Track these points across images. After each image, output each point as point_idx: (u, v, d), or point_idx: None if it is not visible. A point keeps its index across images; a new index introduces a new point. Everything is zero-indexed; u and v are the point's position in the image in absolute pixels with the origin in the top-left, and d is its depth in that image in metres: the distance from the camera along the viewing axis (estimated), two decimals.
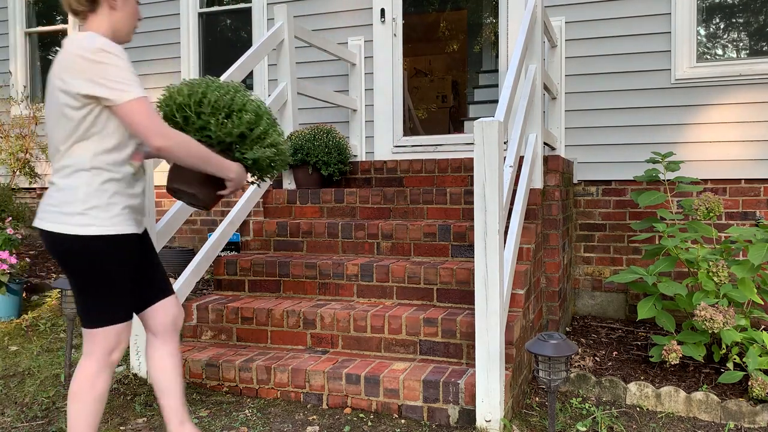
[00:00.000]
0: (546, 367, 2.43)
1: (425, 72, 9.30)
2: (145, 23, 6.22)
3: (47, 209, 2.06)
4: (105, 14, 2.12)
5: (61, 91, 1.99)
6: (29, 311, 4.63)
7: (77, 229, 2.02)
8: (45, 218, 2.05)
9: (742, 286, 3.50)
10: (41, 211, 2.08)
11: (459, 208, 4.04)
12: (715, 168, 4.48)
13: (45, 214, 2.06)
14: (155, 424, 2.84)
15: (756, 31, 4.53)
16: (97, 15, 2.11)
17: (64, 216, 2.02)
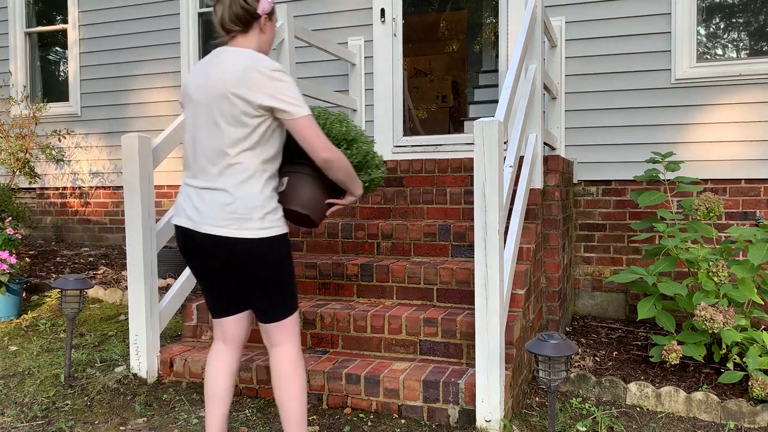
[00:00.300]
0: (546, 367, 2.43)
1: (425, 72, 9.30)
2: (145, 23, 6.22)
3: (224, 216, 2.16)
4: (254, 36, 2.29)
5: (238, 98, 2.14)
6: (29, 311, 4.63)
7: (262, 233, 2.18)
8: (225, 225, 2.16)
9: (742, 286, 3.50)
10: (213, 218, 2.17)
11: (459, 208, 4.04)
12: (715, 168, 4.48)
13: (223, 221, 2.16)
14: (155, 424, 2.84)
15: (756, 31, 4.53)
16: (246, 36, 2.27)
17: (248, 222, 2.16)
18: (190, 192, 2.25)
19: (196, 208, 2.21)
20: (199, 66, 2.28)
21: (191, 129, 2.26)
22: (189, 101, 2.27)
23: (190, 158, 2.27)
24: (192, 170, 2.25)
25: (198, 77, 2.24)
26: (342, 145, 2.55)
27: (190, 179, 2.26)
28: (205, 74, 2.22)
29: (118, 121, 6.39)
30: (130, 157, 3.25)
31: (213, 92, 2.18)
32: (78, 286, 3.25)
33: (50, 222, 6.76)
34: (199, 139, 2.22)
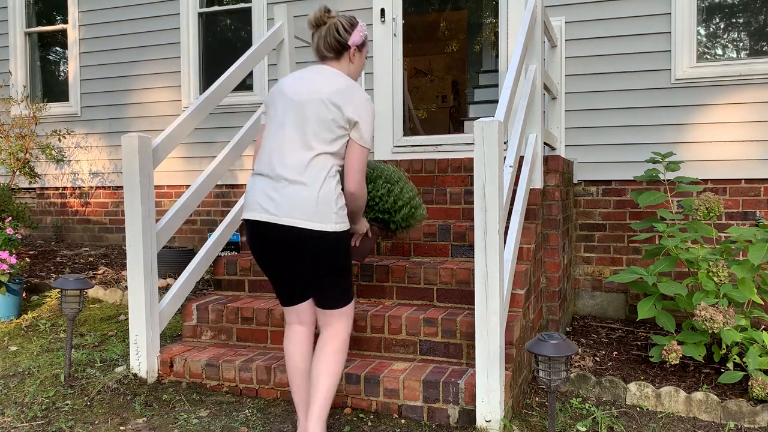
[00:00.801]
0: (546, 367, 2.43)
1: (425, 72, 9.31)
2: (145, 23, 6.22)
3: (307, 209, 2.37)
4: (345, 63, 2.59)
5: (334, 105, 2.41)
6: (29, 311, 4.63)
7: (337, 227, 2.42)
8: (307, 218, 2.37)
9: (742, 286, 3.50)
10: (295, 211, 2.37)
11: (459, 208, 4.04)
12: (715, 168, 4.48)
13: (305, 214, 2.37)
14: (155, 424, 2.84)
15: (756, 31, 4.53)
16: (339, 62, 2.58)
17: (328, 216, 2.39)
18: (266, 186, 2.43)
19: (273, 201, 2.39)
20: (296, 75, 2.53)
21: (278, 124, 2.47)
22: (281, 101, 2.49)
23: (272, 152, 2.45)
24: (270, 164, 2.43)
25: (296, 83, 2.49)
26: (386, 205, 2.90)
27: (266, 172, 2.44)
28: (306, 80, 2.48)
29: (118, 121, 6.39)
30: (130, 157, 3.25)
31: (312, 96, 2.43)
32: (78, 286, 3.25)
33: (50, 222, 6.76)
34: (287, 134, 2.44)
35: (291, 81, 2.51)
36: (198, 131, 5.97)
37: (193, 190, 3.64)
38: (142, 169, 3.27)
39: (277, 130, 2.47)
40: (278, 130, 2.46)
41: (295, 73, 2.56)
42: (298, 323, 2.61)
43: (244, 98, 5.81)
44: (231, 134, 5.83)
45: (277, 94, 2.53)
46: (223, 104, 5.83)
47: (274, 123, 2.48)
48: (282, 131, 2.45)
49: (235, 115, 5.87)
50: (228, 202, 5.98)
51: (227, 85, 3.84)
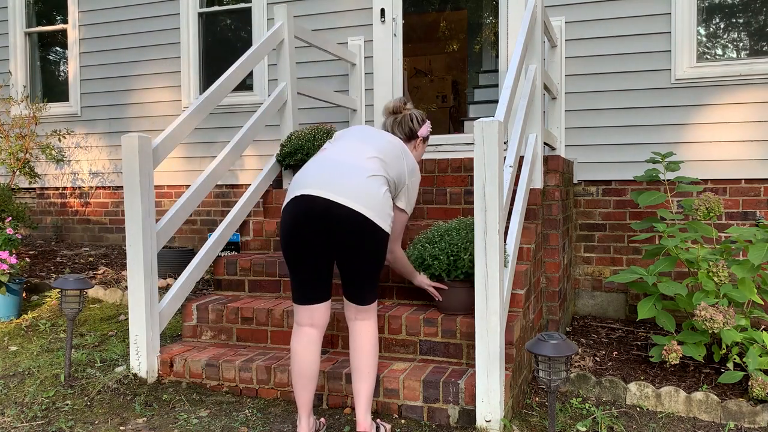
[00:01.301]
0: (546, 367, 2.43)
1: (425, 72, 9.31)
2: (145, 23, 6.22)
3: (373, 204, 2.48)
4: (410, 147, 2.97)
5: (397, 158, 2.69)
6: (29, 311, 4.63)
7: (388, 228, 2.55)
8: (373, 213, 2.47)
9: (742, 286, 3.50)
10: (369, 198, 2.46)
11: (459, 208, 4.04)
12: (715, 168, 4.48)
13: (372, 210, 2.47)
14: (155, 424, 2.84)
15: (756, 31, 4.53)
16: (407, 143, 2.95)
17: (386, 216, 2.52)
18: (330, 170, 2.51)
19: (340, 184, 2.46)
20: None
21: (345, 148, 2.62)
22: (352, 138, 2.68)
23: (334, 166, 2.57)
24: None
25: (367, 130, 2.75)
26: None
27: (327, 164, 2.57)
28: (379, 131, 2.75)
29: (118, 121, 6.39)
30: (130, 156, 3.25)
31: (384, 140, 2.68)
32: (78, 286, 3.25)
33: (50, 222, 6.76)
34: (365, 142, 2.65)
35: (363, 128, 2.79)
36: (198, 131, 5.97)
37: (193, 190, 3.64)
38: (142, 169, 3.27)
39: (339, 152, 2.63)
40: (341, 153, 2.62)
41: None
42: (310, 325, 2.59)
43: (244, 98, 5.81)
44: (231, 134, 5.83)
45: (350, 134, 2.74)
46: (223, 104, 5.83)
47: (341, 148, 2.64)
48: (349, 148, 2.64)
49: (235, 115, 5.87)
50: (228, 202, 5.99)
51: (227, 85, 3.84)
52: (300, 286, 2.56)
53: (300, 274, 2.54)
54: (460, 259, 3.09)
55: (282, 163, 4.40)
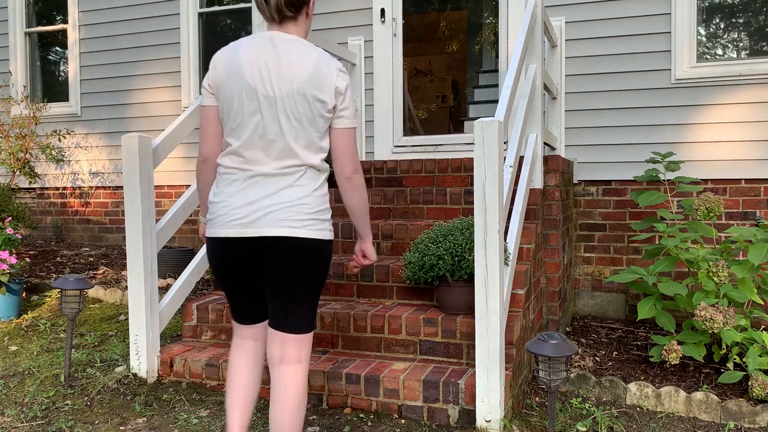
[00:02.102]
0: (546, 367, 2.43)
1: (425, 72, 9.30)
2: (145, 23, 6.22)
3: (296, 215, 2.04)
4: (302, 22, 2.18)
5: (318, 101, 2.05)
6: (29, 311, 4.63)
7: (329, 235, 2.13)
8: (300, 225, 2.04)
9: (742, 286, 3.50)
10: (284, 218, 2.03)
11: (459, 208, 4.03)
12: (715, 168, 4.48)
13: (295, 222, 2.04)
14: (155, 424, 2.84)
15: (756, 31, 4.53)
16: (297, 23, 2.16)
17: (321, 222, 2.09)
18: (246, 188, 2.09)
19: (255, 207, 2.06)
20: (252, 50, 2.08)
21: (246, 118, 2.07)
22: (242, 88, 2.06)
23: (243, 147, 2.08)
24: (247, 160, 2.08)
25: (256, 65, 2.06)
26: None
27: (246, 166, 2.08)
28: (270, 63, 2.06)
29: (118, 121, 6.39)
30: (130, 156, 3.25)
31: (285, 89, 2.04)
32: (78, 286, 3.25)
33: (50, 222, 6.76)
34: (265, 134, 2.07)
35: (249, 60, 2.07)
36: (198, 131, 5.97)
37: (194, 190, 3.64)
38: (142, 169, 3.27)
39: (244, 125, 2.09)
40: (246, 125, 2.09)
41: (252, 47, 2.09)
42: (252, 339, 2.29)
43: None
44: None
45: (234, 78, 2.08)
46: None
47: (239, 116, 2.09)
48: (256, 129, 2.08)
49: None
50: None
51: None
52: (241, 303, 2.25)
53: (240, 292, 2.22)
54: (464, 260, 3.09)
55: None
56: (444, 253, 3.14)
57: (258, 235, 2.05)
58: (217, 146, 2.21)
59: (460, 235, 3.18)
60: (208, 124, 2.20)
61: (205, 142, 2.22)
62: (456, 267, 3.12)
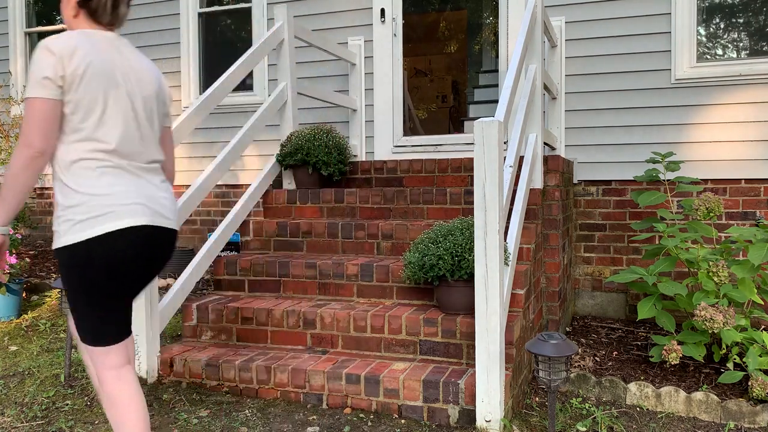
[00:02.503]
0: (546, 367, 2.43)
1: (425, 72, 9.31)
2: (145, 23, 6.22)
3: (173, 208, 2.20)
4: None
5: (165, 114, 2.31)
6: (29, 311, 4.63)
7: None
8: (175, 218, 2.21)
9: (742, 286, 3.50)
10: (170, 211, 2.17)
11: (459, 208, 4.04)
12: (715, 168, 4.48)
13: (173, 213, 2.19)
14: (155, 424, 2.84)
15: (756, 31, 4.53)
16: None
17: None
18: (145, 182, 2.11)
19: (161, 203, 2.13)
20: (108, 49, 2.11)
21: (130, 114, 2.10)
22: (110, 83, 2.06)
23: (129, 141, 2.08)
24: (131, 156, 2.08)
25: (117, 64, 2.10)
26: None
27: (134, 163, 2.09)
28: (130, 63, 2.15)
29: None
30: None
31: (148, 101, 2.18)
32: None
33: (50, 222, 6.76)
34: (136, 138, 2.11)
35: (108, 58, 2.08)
36: (198, 131, 5.97)
37: (193, 190, 3.64)
38: None
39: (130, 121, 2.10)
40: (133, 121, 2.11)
41: (104, 46, 2.10)
42: (129, 362, 2.16)
43: (244, 98, 5.81)
44: (231, 134, 5.82)
45: (102, 74, 2.04)
46: (223, 104, 5.83)
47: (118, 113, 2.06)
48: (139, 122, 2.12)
49: (236, 115, 5.86)
50: (228, 202, 5.98)
51: (227, 85, 3.84)
52: (125, 316, 2.14)
53: (127, 302, 2.14)
54: (465, 260, 3.09)
55: (282, 163, 4.40)
56: (444, 253, 3.14)
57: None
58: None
59: (460, 235, 3.18)
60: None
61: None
62: (456, 267, 3.12)
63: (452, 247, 3.14)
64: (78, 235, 1.96)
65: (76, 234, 1.96)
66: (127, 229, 2.00)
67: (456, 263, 3.12)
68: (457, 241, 3.15)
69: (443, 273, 3.14)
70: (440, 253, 3.15)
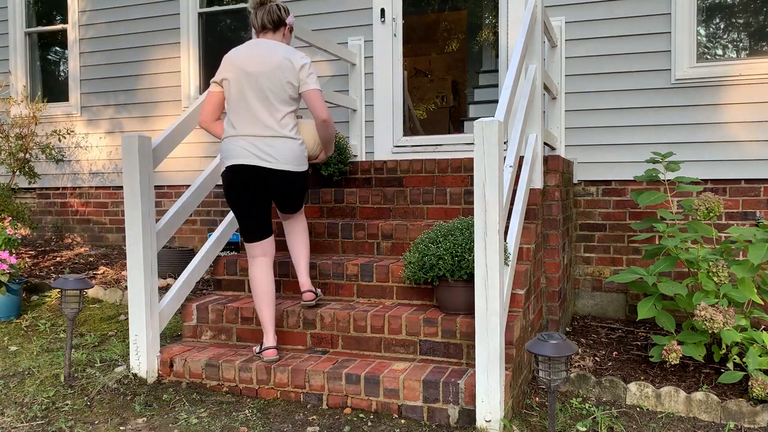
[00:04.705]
0: (546, 367, 2.43)
1: (425, 72, 9.30)
2: (145, 23, 6.22)
3: (290, 156, 3.16)
4: (279, 37, 3.28)
5: (288, 82, 3.13)
6: (29, 311, 4.63)
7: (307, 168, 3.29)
8: (293, 163, 3.17)
9: (742, 286, 3.50)
10: (283, 158, 3.13)
11: (459, 208, 4.04)
12: (715, 168, 4.48)
13: (291, 160, 3.16)
14: (155, 424, 2.84)
15: (756, 31, 4.53)
16: (274, 34, 3.26)
17: (304, 160, 3.25)
18: (255, 140, 3.10)
19: (267, 152, 3.10)
20: (248, 48, 3.14)
21: (244, 94, 3.10)
22: (239, 73, 3.10)
23: (246, 116, 3.10)
24: (249, 125, 3.10)
25: (248, 57, 3.11)
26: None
27: (249, 130, 3.10)
28: (254, 57, 3.11)
29: (117, 121, 6.39)
30: (130, 157, 3.25)
31: (265, 70, 3.10)
32: (78, 286, 3.25)
33: (50, 222, 6.76)
34: (255, 101, 3.10)
35: (243, 54, 3.13)
36: (198, 131, 5.97)
37: (193, 190, 3.64)
38: (142, 169, 3.27)
39: (244, 99, 3.10)
40: (245, 99, 3.10)
41: (241, 47, 3.15)
42: (262, 255, 3.24)
43: None
44: None
45: (234, 69, 3.11)
46: None
47: (239, 94, 3.10)
48: (249, 100, 3.10)
49: None
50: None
51: None
52: (252, 228, 3.24)
53: (253, 219, 3.23)
54: (465, 260, 3.09)
55: None
56: (444, 253, 3.14)
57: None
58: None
59: (460, 235, 3.18)
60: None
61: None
62: (456, 267, 3.12)
63: (452, 247, 3.14)
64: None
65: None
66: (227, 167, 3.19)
67: (456, 263, 3.12)
68: (457, 241, 3.15)
69: (443, 273, 3.14)
70: (440, 253, 3.15)
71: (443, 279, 3.18)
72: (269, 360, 3.15)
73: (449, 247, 3.14)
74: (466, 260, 3.09)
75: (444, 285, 3.19)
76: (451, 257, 3.13)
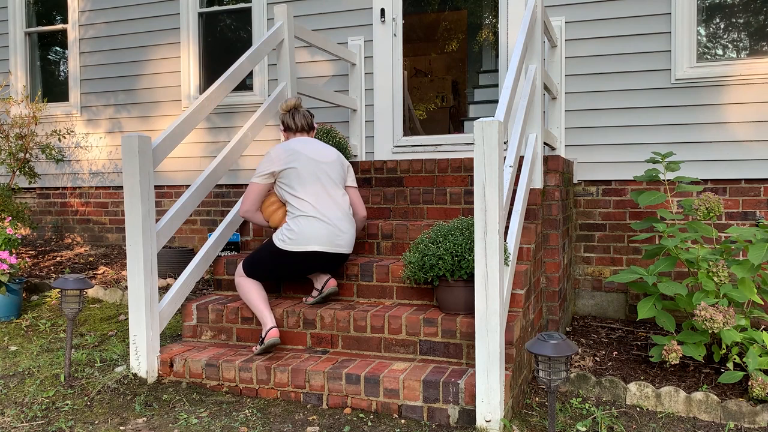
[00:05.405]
0: (546, 367, 2.43)
1: (425, 72, 9.30)
2: (145, 23, 6.22)
3: (351, 242, 3.48)
4: (312, 134, 3.72)
5: (340, 175, 3.54)
6: (29, 311, 4.63)
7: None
8: (350, 247, 3.48)
9: (742, 286, 3.50)
10: (347, 244, 3.45)
11: (459, 208, 4.04)
12: (715, 168, 4.48)
13: (350, 245, 3.48)
14: (155, 424, 2.84)
15: (756, 31, 4.53)
16: (309, 134, 3.70)
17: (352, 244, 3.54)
18: (334, 221, 3.38)
19: (340, 237, 3.39)
20: (302, 143, 3.49)
21: (319, 178, 3.42)
22: (308, 161, 3.42)
23: (324, 196, 3.40)
24: (327, 205, 3.38)
25: (310, 150, 3.48)
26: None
27: (328, 211, 3.38)
28: (316, 150, 3.50)
29: (118, 121, 6.39)
30: (130, 156, 3.25)
31: (325, 163, 3.48)
32: (78, 286, 3.25)
33: (50, 222, 6.76)
34: (330, 184, 3.45)
35: (305, 148, 3.48)
36: (198, 131, 5.97)
37: (193, 190, 3.64)
38: (142, 169, 3.27)
39: (316, 186, 3.40)
40: (317, 186, 3.40)
41: (300, 142, 3.51)
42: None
43: (244, 98, 5.81)
44: (231, 134, 5.83)
45: (299, 158, 3.42)
46: (223, 104, 5.83)
47: (310, 180, 3.40)
48: (321, 188, 3.41)
49: (236, 114, 5.87)
50: (228, 202, 5.98)
51: (227, 85, 3.84)
52: (283, 279, 3.55)
53: (293, 277, 3.52)
54: (465, 260, 3.09)
55: None
56: (444, 253, 3.14)
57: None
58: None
59: (460, 235, 3.18)
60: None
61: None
62: (456, 267, 3.12)
63: (452, 247, 3.14)
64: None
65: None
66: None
67: (456, 263, 3.12)
68: (457, 241, 3.15)
69: (443, 273, 3.14)
70: (440, 253, 3.15)
71: (443, 279, 3.18)
72: (272, 342, 3.22)
73: (449, 247, 3.14)
74: (466, 260, 3.09)
75: (444, 285, 3.19)
76: (451, 257, 3.13)
